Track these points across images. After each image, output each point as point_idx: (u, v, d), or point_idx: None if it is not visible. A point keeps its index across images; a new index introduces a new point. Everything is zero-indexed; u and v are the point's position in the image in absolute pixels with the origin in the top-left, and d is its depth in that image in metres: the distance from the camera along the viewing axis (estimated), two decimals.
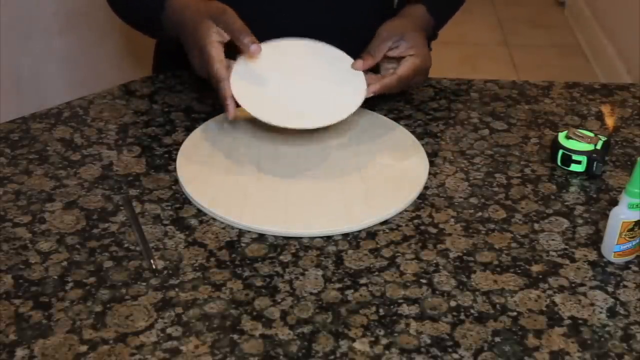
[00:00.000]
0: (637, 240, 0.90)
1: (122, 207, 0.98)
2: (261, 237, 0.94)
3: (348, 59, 1.12)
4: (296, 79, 1.09)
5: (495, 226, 0.96)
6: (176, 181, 1.03)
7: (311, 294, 0.86)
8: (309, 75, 1.10)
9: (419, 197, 1.01)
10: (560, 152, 1.05)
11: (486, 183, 1.04)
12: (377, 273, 0.89)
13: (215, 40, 1.05)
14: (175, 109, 1.18)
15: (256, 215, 0.96)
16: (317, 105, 1.06)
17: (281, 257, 0.91)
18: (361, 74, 1.10)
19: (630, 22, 2.83)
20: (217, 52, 1.05)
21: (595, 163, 1.04)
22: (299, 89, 1.08)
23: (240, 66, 1.07)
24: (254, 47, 1.04)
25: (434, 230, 0.95)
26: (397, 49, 1.13)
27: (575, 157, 1.04)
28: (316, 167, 1.05)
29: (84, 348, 0.79)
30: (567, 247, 0.93)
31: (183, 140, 1.09)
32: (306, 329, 0.81)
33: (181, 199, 1.00)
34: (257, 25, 1.23)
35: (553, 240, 0.94)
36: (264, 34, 1.22)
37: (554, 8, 3.69)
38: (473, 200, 1.01)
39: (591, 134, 1.06)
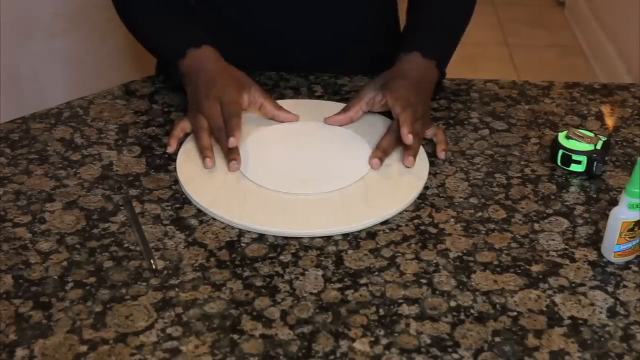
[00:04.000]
0: (637, 240, 0.90)
1: (122, 207, 0.98)
2: (261, 237, 0.94)
3: (354, 135, 1.11)
4: (301, 152, 1.08)
5: (495, 226, 0.96)
6: (176, 181, 1.03)
7: (311, 294, 0.86)
8: (314, 148, 1.09)
9: (419, 197, 1.01)
10: (560, 152, 1.05)
11: (486, 183, 1.04)
12: (377, 273, 0.89)
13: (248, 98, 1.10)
14: (175, 109, 1.18)
15: (256, 215, 0.96)
16: (321, 173, 1.04)
17: (281, 257, 0.91)
18: (367, 146, 1.08)
19: (630, 22, 2.83)
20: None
21: (595, 163, 1.03)
22: (304, 161, 1.06)
23: (248, 139, 1.08)
24: (286, 116, 1.11)
25: (434, 230, 0.95)
26: (379, 101, 1.10)
27: (575, 157, 1.04)
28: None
29: (84, 348, 0.79)
30: (567, 247, 0.93)
31: (183, 141, 1.09)
32: (306, 329, 0.81)
33: (181, 199, 1.00)
34: (262, 36, 1.24)
35: (553, 240, 0.94)
36: (266, 45, 1.23)
37: (554, 8, 3.69)
38: (473, 200, 1.01)
39: (591, 134, 1.06)
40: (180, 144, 1.08)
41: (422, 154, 1.07)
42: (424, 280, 0.88)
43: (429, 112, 1.12)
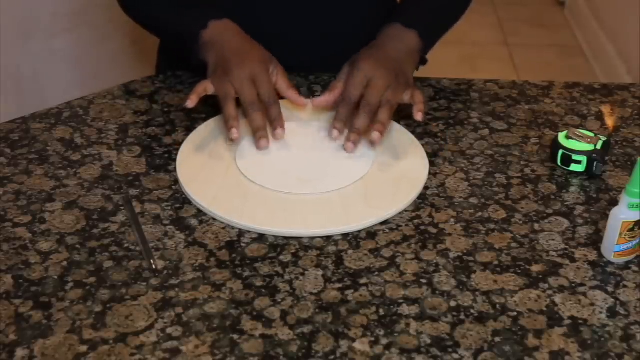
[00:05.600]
0: (637, 240, 0.90)
1: (122, 207, 0.98)
2: (261, 237, 0.94)
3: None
4: (301, 152, 1.08)
5: (495, 226, 0.96)
6: (176, 181, 1.03)
7: (311, 294, 0.86)
8: (314, 148, 1.09)
9: (419, 197, 1.01)
10: (560, 152, 1.05)
11: (486, 183, 1.04)
12: (377, 273, 0.89)
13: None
14: (175, 109, 1.18)
15: (256, 215, 0.96)
16: (321, 173, 1.04)
17: (281, 257, 0.91)
18: (367, 147, 1.07)
19: (630, 22, 2.83)
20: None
21: (595, 163, 1.03)
22: (304, 161, 1.06)
23: (250, 141, 1.08)
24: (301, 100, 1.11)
25: (434, 230, 0.95)
26: (345, 73, 1.10)
27: (575, 157, 1.04)
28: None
29: (84, 348, 0.79)
30: (567, 247, 0.93)
31: (183, 140, 1.09)
32: (306, 329, 0.81)
33: (181, 199, 1.00)
34: (262, 36, 1.23)
35: (553, 240, 0.94)
36: (266, 45, 1.22)
37: (554, 8, 3.69)
38: (473, 200, 1.01)
39: (591, 134, 1.06)
40: (200, 101, 1.07)
41: (422, 153, 1.07)
42: (424, 280, 0.88)
43: (404, 78, 1.09)
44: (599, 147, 1.04)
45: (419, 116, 1.06)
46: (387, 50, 1.11)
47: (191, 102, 1.06)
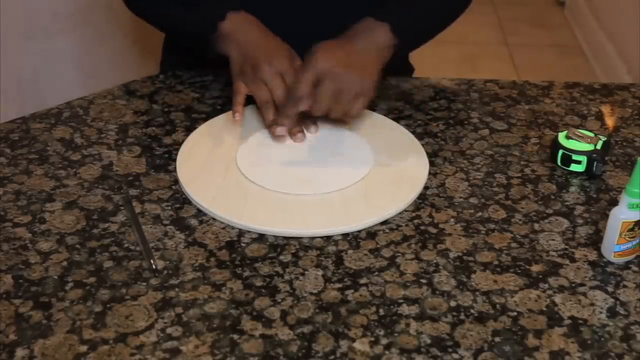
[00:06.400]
0: (637, 240, 0.90)
1: (122, 207, 0.98)
2: (261, 237, 0.94)
3: (354, 135, 1.11)
4: (301, 152, 1.08)
5: (495, 226, 0.96)
6: (176, 181, 1.03)
7: (311, 294, 0.86)
8: (314, 148, 1.09)
9: (419, 197, 1.01)
10: (560, 152, 1.05)
11: (486, 183, 1.04)
12: (377, 273, 0.89)
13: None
14: (175, 109, 1.18)
15: (256, 215, 0.96)
16: (321, 174, 1.04)
17: (281, 257, 0.91)
18: (367, 146, 1.08)
19: (630, 22, 2.83)
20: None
21: (595, 163, 1.03)
22: (304, 161, 1.06)
23: (251, 142, 1.09)
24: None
25: (434, 230, 0.95)
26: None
27: (575, 157, 1.04)
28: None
29: (84, 348, 0.79)
30: (567, 247, 0.93)
31: (183, 140, 1.09)
32: (306, 329, 0.81)
33: (181, 199, 1.00)
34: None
35: (553, 240, 0.94)
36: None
37: (554, 8, 3.69)
38: (473, 200, 1.01)
39: (591, 134, 1.06)
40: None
41: (422, 154, 1.07)
42: (424, 280, 0.88)
43: (367, 78, 1.05)
44: (599, 147, 1.04)
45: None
46: (353, 44, 1.07)
47: (239, 115, 1.08)
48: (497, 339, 0.81)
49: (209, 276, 0.88)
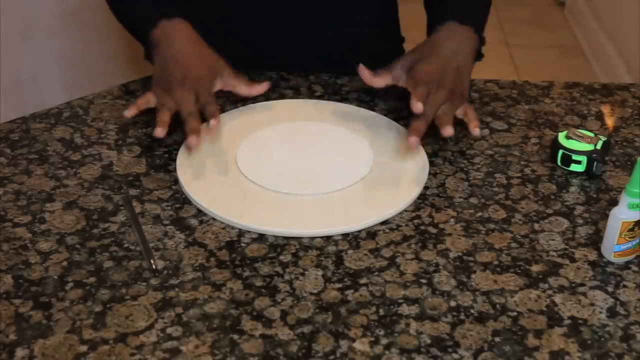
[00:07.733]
0: (637, 240, 0.90)
1: (122, 207, 0.98)
2: (261, 237, 0.94)
3: (354, 135, 1.10)
4: (301, 152, 1.08)
5: (495, 226, 0.96)
6: (176, 181, 1.03)
7: (311, 294, 0.86)
8: (314, 148, 1.09)
9: (419, 197, 1.01)
10: (560, 152, 1.05)
11: (486, 183, 1.04)
12: (377, 273, 0.89)
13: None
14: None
15: (256, 215, 0.96)
16: (321, 174, 1.04)
17: (281, 257, 0.91)
18: (367, 146, 1.08)
19: (630, 22, 2.83)
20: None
21: (595, 163, 1.03)
22: (304, 161, 1.06)
23: (251, 142, 1.08)
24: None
25: (434, 230, 0.95)
26: (403, 83, 1.10)
27: (575, 157, 1.04)
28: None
29: (84, 348, 0.79)
30: (567, 247, 0.93)
31: (183, 140, 1.09)
32: (306, 329, 0.81)
33: (181, 199, 1.00)
34: (261, 37, 1.23)
35: (553, 240, 0.94)
36: (266, 46, 1.22)
37: (554, 8, 3.69)
38: (473, 200, 1.01)
39: (591, 134, 1.06)
40: (139, 112, 1.08)
41: (422, 154, 1.07)
42: (424, 280, 0.88)
43: (460, 90, 1.08)
44: (599, 147, 1.04)
45: (476, 131, 1.07)
46: (442, 59, 1.08)
47: (129, 113, 1.08)
48: (497, 339, 0.81)
49: (209, 276, 0.88)
